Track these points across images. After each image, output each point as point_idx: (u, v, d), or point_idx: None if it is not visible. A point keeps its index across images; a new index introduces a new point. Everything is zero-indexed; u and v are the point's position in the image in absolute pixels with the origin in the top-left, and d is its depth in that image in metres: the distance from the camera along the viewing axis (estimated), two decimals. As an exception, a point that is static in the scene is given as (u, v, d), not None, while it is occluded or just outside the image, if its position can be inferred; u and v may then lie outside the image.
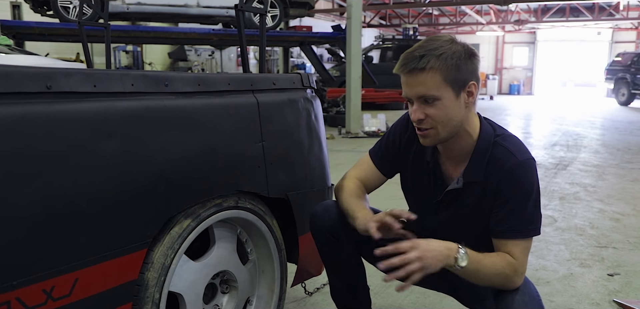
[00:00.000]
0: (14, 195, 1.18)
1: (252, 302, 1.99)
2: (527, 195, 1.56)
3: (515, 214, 1.55)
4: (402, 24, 21.47)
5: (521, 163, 1.56)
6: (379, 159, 1.88)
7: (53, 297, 1.26)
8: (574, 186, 5.28)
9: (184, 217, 1.59)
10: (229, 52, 16.34)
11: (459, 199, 1.69)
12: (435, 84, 1.50)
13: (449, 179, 1.71)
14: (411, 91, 1.54)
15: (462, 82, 1.52)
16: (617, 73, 18.11)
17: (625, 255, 3.27)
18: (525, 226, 1.56)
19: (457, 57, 1.50)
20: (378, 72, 12.82)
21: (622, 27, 24.29)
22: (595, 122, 12.30)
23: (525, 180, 1.56)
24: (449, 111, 1.53)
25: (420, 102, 1.54)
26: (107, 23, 2.95)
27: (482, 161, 1.61)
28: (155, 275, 1.51)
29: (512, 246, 1.55)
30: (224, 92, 1.71)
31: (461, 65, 1.51)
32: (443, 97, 1.52)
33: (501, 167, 1.57)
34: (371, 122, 9.44)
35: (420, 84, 1.51)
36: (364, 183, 1.87)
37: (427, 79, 1.50)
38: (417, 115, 1.55)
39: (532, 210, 1.56)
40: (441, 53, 1.49)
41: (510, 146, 1.60)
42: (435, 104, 1.52)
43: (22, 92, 1.21)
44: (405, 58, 1.53)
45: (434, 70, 1.49)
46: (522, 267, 1.55)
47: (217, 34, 10.24)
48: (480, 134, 1.63)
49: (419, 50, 1.51)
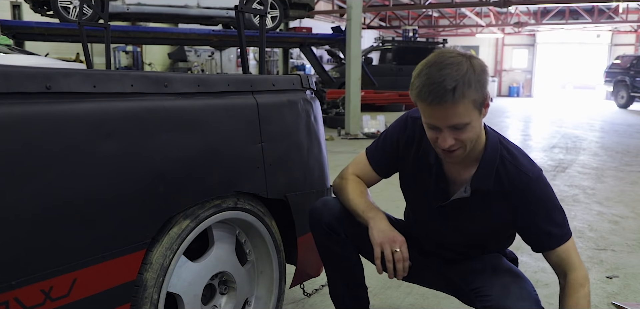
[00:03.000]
0: (13, 194, 1.18)
1: (250, 303, 1.99)
2: (553, 202, 1.62)
3: (553, 222, 1.61)
4: (402, 26, 21.54)
5: (536, 178, 1.61)
6: (376, 160, 1.87)
7: (51, 297, 1.26)
8: (573, 188, 5.28)
9: (183, 218, 1.59)
10: (228, 53, 16.34)
11: (466, 207, 1.69)
12: (467, 112, 1.47)
13: (452, 184, 1.70)
14: (442, 122, 1.48)
15: (483, 100, 1.50)
16: (617, 76, 18.13)
17: (624, 258, 3.27)
18: (562, 230, 1.62)
19: (479, 78, 1.46)
20: (378, 74, 12.84)
21: (621, 30, 24.30)
22: (595, 125, 12.30)
23: (546, 191, 1.62)
24: (476, 130, 1.53)
25: (451, 129, 1.49)
26: (107, 23, 2.95)
27: (490, 169, 1.62)
28: (154, 276, 1.51)
29: (565, 253, 1.61)
30: (223, 93, 1.71)
31: (483, 85, 1.48)
32: (472, 120, 1.49)
33: (517, 184, 1.60)
34: (371, 124, 9.43)
35: (454, 116, 1.46)
36: (361, 178, 1.88)
37: (460, 110, 1.45)
38: (449, 142, 1.50)
39: (562, 213, 1.63)
40: (469, 80, 1.43)
41: (520, 162, 1.63)
42: (466, 129, 1.49)
43: (22, 92, 1.21)
44: (436, 91, 1.42)
45: (467, 100, 1.44)
46: (584, 272, 1.62)
47: (217, 34, 10.24)
48: (487, 140, 1.63)
49: (449, 82, 1.41)
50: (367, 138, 9.00)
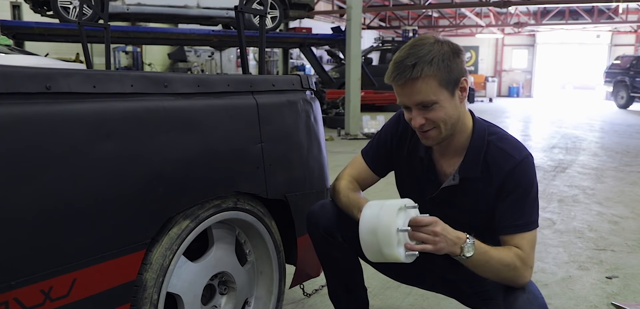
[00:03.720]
0: (13, 195, 1.18)
1: (250, 303, 1.99)
2: (529, 190, 1.60)
3: (519, 209, 1.59)
4: (402, 26, 21.55)
5: (521, 161, 1.60)
6: (371, 159, 1.90)
7: (51, 297, 1.26)
8: (572, 188, 5.28)
9: (183, 218, 1.59)
10: (228, 53, 16.35)
11: (456, 195, 1.70)
12: (432, 90, 1.52)
13: (442, 175, 1.73)
14: (408, 100, 1.57)
15: (455, 81, 1.56)
16: (616, 76, 18.14)
17: (623, 258, 3.27)
18: (527, 219, 1.59)
19: (447, 58, 1.53)
20: (377, 74, 12.80)
21: (621, 30, 24.32)
22: (594, 125, 12.31)
23: (526, 177, 1.61)
24: (448, 110, 1.57)
25: (419, 108, 1.56)
26: (107, 23, 2.95)
27: (478, 157, 1.64)
28: (154, 276, 1.51)
29: (519, 239, 1.58)
30: (223, 93, 1.71)
31: (452, 65, 1.54)
32: (440, 100, 1.54)
33: (502, 167, 1.61)
34: (370, 124, 9.44)
35: (416, 93, 1.53)
36: (357, 181, 1.89)
37: (423, 87, 1.52)
38: (418, 121, 1.57)
39: (533, 204, 1.61)
40: (432, 58, 1.51)
41: (507, 146, 1.64)
42: (434, 107, 1.55)
43: (22, 92, 1.21)
44: (397, 68, 1.53)
45: (429, 77, 1.51)
46: (530, 260, 1.57)
47: (217, 35, 10.24)
48: (474, 129, 1.67)
49: (410, 59, 1.51)
50: (366, 138, 9.01)
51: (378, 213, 1.49)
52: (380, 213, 1.49)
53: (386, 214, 1.47)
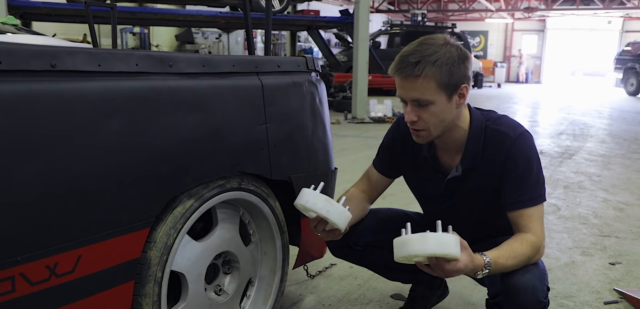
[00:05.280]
0: (19, 172, 1.19)
1: (253, 283, 2.01)
2: (528, 165, 1.63)
3: (522, 185, 1.62)
4: (411, 10, 21.34)
5: (516, 138, 1.63)
6: (379, 163, 1.97)
7: (56, 273, 1.28)
8: (578, 175, 5.26)
9: (187, 197, 1.61)
10: (236, 35, 16.32)
11: (461, 186, 1.75)
12: (430, 90, 1.55)
13: (447, 168, 1.78)
14: (405, 94, 1.60)
15: (454, 86, 1.57)
16: (627, 63, 17.96)
17: (627, 245, 3.27)
18: (531, 194, 1.62)
19: (451, 63, 1.54)
20: (385, 58, 12.75)
21: (632, 16, 24.02)
22: (603, 112, 12.22)
23: (523, 152, 1.64)
24: (441, 114, 1.59)
25: (414, 105, 1.59)
26: (113, 4, 2.96)
27: (477, 148, 1.68)
28: (158, 254, 1.53)
29: (526, 217, 1.61)
30: (228, 73, 1.72)
31: (454, 71, 1.55)
32: (436, 102, 1.57)
33: (500, 149, 1.65)
34: (377, 108, 9.42)
35: (414, 89, 1.56)
36: (368, 189, 1.96)
37: (422, 85, 1.54)
38: (411, 116, 1.61)
39: (536, 178, 1.63)
40: (436, 59, 1.52)
41: (502, 127, 1.68)
42: (429, 108, 1.58)
43: (27, 70, 1.22)
44: (401, 62, 1.56)
45: (429, 77, 1.53)
46: (540, 239, 1.60)
47: (224, 16, 10.21)
48: (471, 123, 1.70)
49: (414, 56, 1.53)
50: (373, 122, 8.99)
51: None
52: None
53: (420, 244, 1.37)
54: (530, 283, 1.56)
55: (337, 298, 2.44)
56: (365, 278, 2.61)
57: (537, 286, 1.56)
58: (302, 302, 2.42)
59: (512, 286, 1.56)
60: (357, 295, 2.46)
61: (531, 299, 1.55)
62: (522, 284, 1.55)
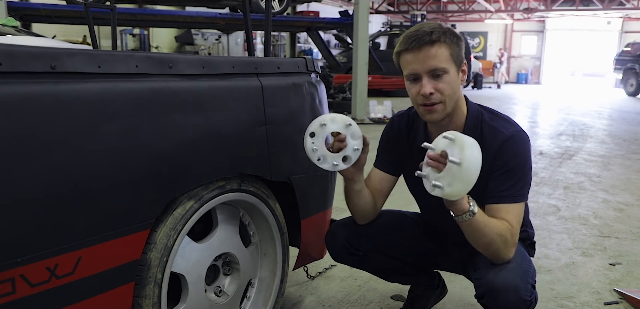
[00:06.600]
0: (19, 173, 1.19)
1: (253, 284, 2.01)
2: (518, 164, 1.66)
3: (506, 181, 1.64)
4: (410, 11, 21.35)
5: (510, 137, 1.67)
6: (379, 162, 1.97)
7: (57, 275, 1.27)
8: (578, 175, 5.26)
9: (187, 199, 1.60)
10: (235, 37, 16.31)
11: None
12: (445, 58, 1.61)
13: None
14: (422, 66, 1.62)
15: (460, 60, 1.66)
16: (626, 64, 17.98)
17: (627, 245, 3.27)
18: (512, 191, 1.64)
19: (456, 37, 1.64)
20: (385, 59, 12.75)
21: (632, 16, 24.03)
22: (603, 112, 12.23)
23: (514, 151, 1.66)
24: (454, 85, 1.64)
25: (430, 76, 1.63)
26: (113, 5, 2.96)
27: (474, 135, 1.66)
28: (158, 255, 1.53)
29: (505, 212, 1.62)
30: (228, 74, 1.72)
31: (460, 44, 1.65)
32: (450, 71, 1.63)
33: (492, 143, 1.67)
34: (377, 109, 9.43)
35: (432, 58, 1.60)
36: (374, 190, 1.93)
37: (438, 53, 1.60)
38: (428, 88, 1.62)
39: (522, 178, 1.66)
40: (445, 30, 1.62)
41: (498, 123, 1.71)
42: (444, 78, 1.62)
43: (27, 71, 1.22)
44: (415, 35, 1.61)
45: (444, 44, 1.61)
46: (516, 234, 1.63)
47: (224, 18, 10.21)
48: (468, 111, 1.74)
49: (426, 28, 1.62)
50: (373, 123, 8.99)
51: None
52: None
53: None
54: (512, 283, 1.56)
55: (338, 299, 2.44)
56: (366, 279, 2.61)
57: (519, 285, 1.57)
58: (302, 303, 2.42)
59: (495, 287, 1.58)
60: (357, 296, 2.47)
61: (514, 298, 1.56)
62: (504, 284, 1.56)
